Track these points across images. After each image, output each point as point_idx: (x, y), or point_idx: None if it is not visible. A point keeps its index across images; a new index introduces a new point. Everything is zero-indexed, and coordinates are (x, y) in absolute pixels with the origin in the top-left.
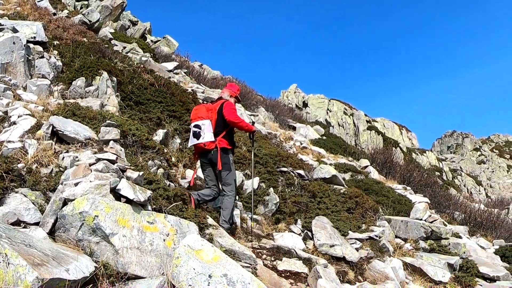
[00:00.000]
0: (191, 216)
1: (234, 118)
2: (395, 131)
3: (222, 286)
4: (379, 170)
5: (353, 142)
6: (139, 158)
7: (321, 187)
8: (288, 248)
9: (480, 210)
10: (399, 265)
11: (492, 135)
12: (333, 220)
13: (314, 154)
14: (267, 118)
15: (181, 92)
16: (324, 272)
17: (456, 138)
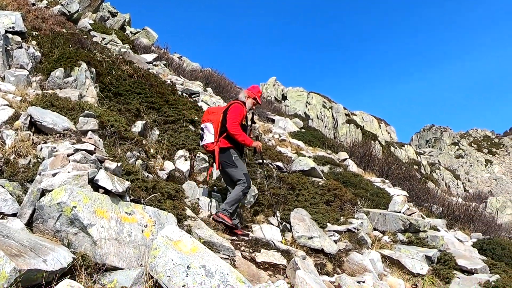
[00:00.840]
0: (169, 208)
1: (232, 129)
2: (374, 124)
3: (200, 277)
4: (358, 163)
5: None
6: (117, 149)
7: (300, 180)
8: (266, 240)
9: (458, 203)
10: (377, 257)
11: (470, 130)
12: (312, 212)
13: (293, 147)
14: None
15: (160, 83)
16: (302, 264)
17: (434, 132)
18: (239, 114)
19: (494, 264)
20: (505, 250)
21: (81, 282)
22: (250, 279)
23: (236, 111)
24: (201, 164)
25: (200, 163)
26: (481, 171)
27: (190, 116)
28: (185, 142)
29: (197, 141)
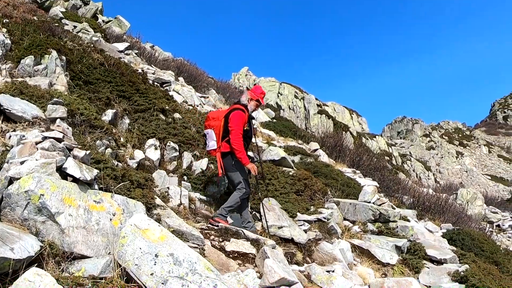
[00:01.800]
0: (139, 196)
1: (234, 143)
2: (346, 115)
3: (168, 265)
4: (329, 154)
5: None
6: (87, 137)
7: (270, 169)
8: (236, 229)
9: (428, 194)
10: (347, 247)
11: (441, 122)
12: (282, 202)
13: (264, 137)
14: (218, 100)
15: (131, 72)
16: (272, 253)
17: (406, 123)
18: (241, 123)
19: (463, 254)
20: (475, 241)
21: (48, 270)
22: (219, 268)
23: (238, 120)
24: (171, 153)
25: (170, 152)
26: (452, 163)
27: (161, 105)
28: (155, 131)
29: (168, 130)
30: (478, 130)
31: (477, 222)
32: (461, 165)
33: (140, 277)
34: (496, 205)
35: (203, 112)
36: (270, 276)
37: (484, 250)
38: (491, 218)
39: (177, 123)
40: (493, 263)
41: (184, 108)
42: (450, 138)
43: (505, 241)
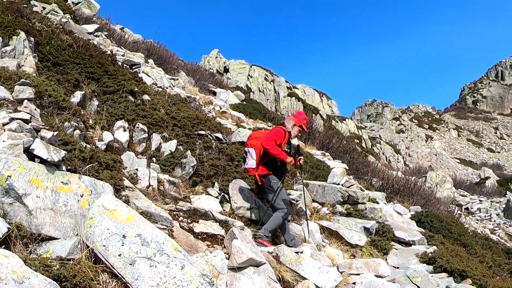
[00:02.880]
0: (107, 178)
1: (266, 143)
2: (316, 98)
3: (136, 246)
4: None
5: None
6: (55, 119)
7: (239, 151)
8: (205, 210)
9: (398, 177)
10: (316, 228)
11: (411, 105)
12: (250, 184)
13: (234, 119)
14: (188, 82)
15: (100, 54)
16: (240, 234)
17: (376, 107)
18: (277, 135)
19: (431, 236)
20: (443, 223)
21: (16, 252)
22: (188, 249)
23: (276, 132)
24: (140, 135)
25: (139, 134)
26: (422, 146)
27: (130, 87)
28: (124, 113)
29: (137, 111)
30: (447, 114)
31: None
32: (431, 148)
33: (108, 258)
34: (465, 188)
35: (173, 94)
36: (238, 256)
37: (452, 232)
38: (460, 201)
39: (146, 105)
40: (461, 245)
41: (153, 90)
42: (420, 121)
43: (474, 224)
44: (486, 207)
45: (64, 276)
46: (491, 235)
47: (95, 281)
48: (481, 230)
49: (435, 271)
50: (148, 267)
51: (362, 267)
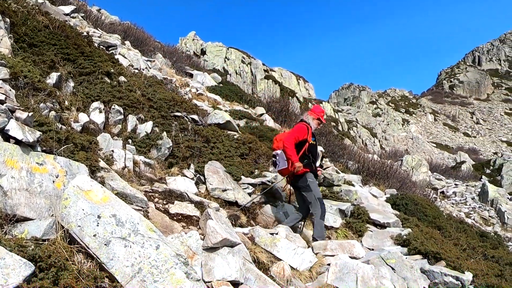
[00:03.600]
0: (82, 159)
1: (286, 142)
2: (293, 81)
3: (111, 226)
4: (275, 118)
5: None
6: (30, 100)
7: (215, 133)
8: (180, 191)
9: (373, 160)
10: (291, 210)
11: (388, 89)
12: (226, 165)
13: (210, 101)
14: (164, 64)
15: (76, 35)
16: (215, 215)
17: (353, 90)
18: (299, 132)
19: (406, 218)
20: (418, 206)
21: None
22: (163, 230)
23: (298, 129)
24: (116, 116)
25: (115, 115)
26: (398, 130)
27: (106, 68)
28: (100, 94)
29: (113, 93)
30: (424, 98)
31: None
32: (407, 132)
33: (83, 239)
34: (440, 172)
35: (149, 76)
36: (213, 237)
37: (427, 215)
38: (435, 184)
39: (122, 86)
40: (436, 227)
41: (129, 72)
42: (397, 105)
43: (449, 207)
44: (461, 191)
45: (39, 256)
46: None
47: (70, 261)
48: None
49: (410, 253)
50: (123, 247)
51: (337, 248)
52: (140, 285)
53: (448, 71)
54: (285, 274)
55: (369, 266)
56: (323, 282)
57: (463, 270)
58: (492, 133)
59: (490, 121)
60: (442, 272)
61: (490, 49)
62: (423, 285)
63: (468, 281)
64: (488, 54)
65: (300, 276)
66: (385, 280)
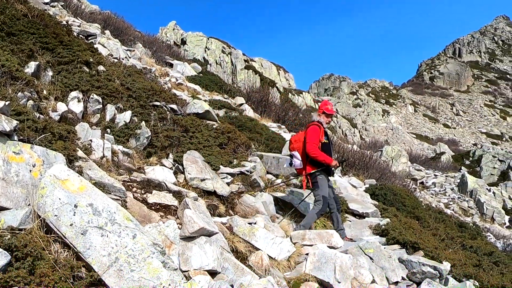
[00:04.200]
0: (60, 148)
1: (311, 152)
2: (273, 71)
3: (87, 215)
4: (255, 108)
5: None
6: (8, 89)
7: (194, 122)
8: (158, 181)
9: (353, 150)
10: (270, 200)
11: (369, 80)
12: (205, 155)
13: (190, 91)
14: (144, 54)
15: (55, 24)
16: (193, 205)
17: (333, 81)
18: (315, 135)
19: (385, 208)
20: (397, 196)
21: None
22: (141, 220)
23: (313, 133)
24: (94, 106)
25: (93, 104)
26: (378, 121)
27: (85, 58)
28: (78, 84)
29: (91, 82)
30: (404, 89)
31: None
32: (387, 123)
33: (60, 228)
34: (420, 163)
35: (128, 65)
36: (190, 226)
37: (405, 205)
38: (415, 175)
39: (101, 76)
40: (414, 217)
41: (109, 61)
42: (377, 96)
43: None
44: (441, 182)
45: (15, 245)
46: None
47: (47, 251)
48: (435, 204)
49: (388, 243)
50: (99, 236)
51: (315, 238)
52: (117, 275)
53: (428, 63)
54: (263, 263)
55: (347, 256)
56: (301, 271)
57: (441, 260)
58: (472, 124)
59: (470, 112)
60: (420, 262)
61: (470, 41)
62: (401, 274)
63: (446, 270)
64: (468, 46)
65: (278, 265)
66: (363, 270)
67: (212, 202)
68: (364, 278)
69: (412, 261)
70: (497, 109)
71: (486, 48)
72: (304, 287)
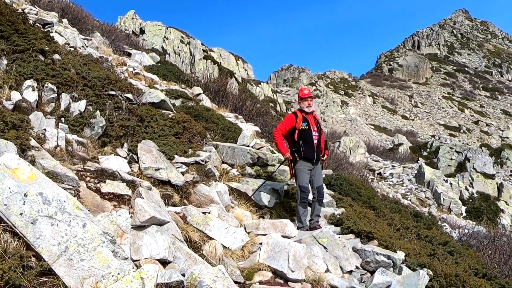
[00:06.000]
0: (12, 137)
1: (274, 135)
2: (232, 61)
3: (37, 205)
4: (212, 99)
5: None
6: None
7: (150, 112)
8: (112, 170)
9: None
10: (224, 189)
11: (328, 71)
12: (160, 144)
13: (147, 80)
14: (102, 43)
15: (11, 12)
16: (147, 194)
17: (292, 72)
18: (285, 122)
19: (340, 198)
20: (352, 186)
21: None
22: (94, 209)
23: (284, 120)
24: (49, 95)
25: (48, 93)
26: (337, 112)
27: (40, 46)
28: (33, 72)
29: (46, 71)
30: (363, 81)
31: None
32: (346, 114)
33: (10, 217)
34: (378, 154)
35: (85, 54)
36: (141, 215)
37: (361, 195)
38: (372, 166)
39: (56, 64)
40: (370, 207)
41: (65, 50)
42: (336, 87)
43: (386, 188)
44: (398, 173)
45: None
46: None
47: None
48: (393, 194)
49: (343, 232)
50: (49, 225)
51: (269, 227)
52: (67, 264)
53: (387, 55)
54: (217, 253)
55: (301, 245)
56: (255, 261)
57: (395, 249)
58: (430, 116)
59: (428, 104)
60: (374, 251)
61: (429, 34)
62: (355, 263)
63: (400, 260)
64: (427, 38)
65: (232, 255)
66: (317, 259)
67: (167, 192)
68: (318, 267)
69: (366, 250)
70: (455, 101)
71: (445, 41)
72: (257, 276)
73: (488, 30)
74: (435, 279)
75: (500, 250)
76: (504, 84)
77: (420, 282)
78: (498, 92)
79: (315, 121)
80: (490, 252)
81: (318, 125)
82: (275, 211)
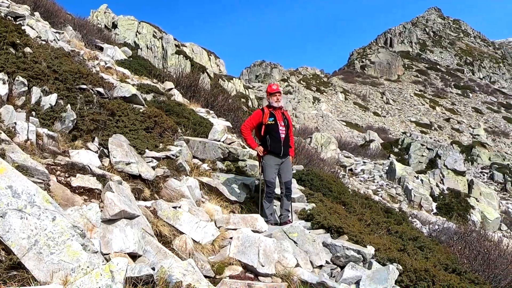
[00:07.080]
0: None
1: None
2: (204, 56)
3: (7, 198)
4: (184, 93)
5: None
6: None
7: (121, 106)
8: (83, 164)
9: None
10: (195, 184)
11: (300, 67)
12: (131, 139)
13: (119, 75)
14: (74, 37)
15: None
16: (117, 188)
17: (265, 68)
18: (251, 118)
19: (311, 194)
20: (323, 181)
21: None
22: (64, 203)
23: (251, 116)
24: (20, 88)
25: (19, 86)
26: (309, 108)
27: (11, 39)
28: (4, 65)
29: (17, 64)
30: (335, 77)
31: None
32: (318, 110)
33: None
34: (349, 150)
35: (56, 48)
36: (110, 208)
37: (332, 190)
38: (344, 162)
39: (27, 58)
40: (341, 203)
41: (36, 43)
42: (308, 84)
43: (357, 184)
44: (369, 169)
45: None
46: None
47: None
48: (364, 190)
49: (313, 227)
50: (19, 219)
51: (239, 222)
52: (37, 257)
53: (360, 52)
54: (187, 247)
55: (271, 240)
56: (226, 255)
57: (365, 244)
58: (402, 113)
59: (399, 101)
60: (344, 246)
61: (402, 31)
62: (325, 258)
63: (370, 254)
64: (400, 36)
65: (202, 249)
66: (287, 254)
67: (137, 186)
68: (288, 261)
69: (336, 245)
70: (426, 99)
71: (418, 39)
72: (228, 270)
73: (461, 29)
74: (404, 274)
75: (470, 246)
76: (476, 82)
77: (390, 276)
78: (469, 90)
79: (282, 116)
80: (460, 248)
81: (286, 121)
82: (245, 205)
